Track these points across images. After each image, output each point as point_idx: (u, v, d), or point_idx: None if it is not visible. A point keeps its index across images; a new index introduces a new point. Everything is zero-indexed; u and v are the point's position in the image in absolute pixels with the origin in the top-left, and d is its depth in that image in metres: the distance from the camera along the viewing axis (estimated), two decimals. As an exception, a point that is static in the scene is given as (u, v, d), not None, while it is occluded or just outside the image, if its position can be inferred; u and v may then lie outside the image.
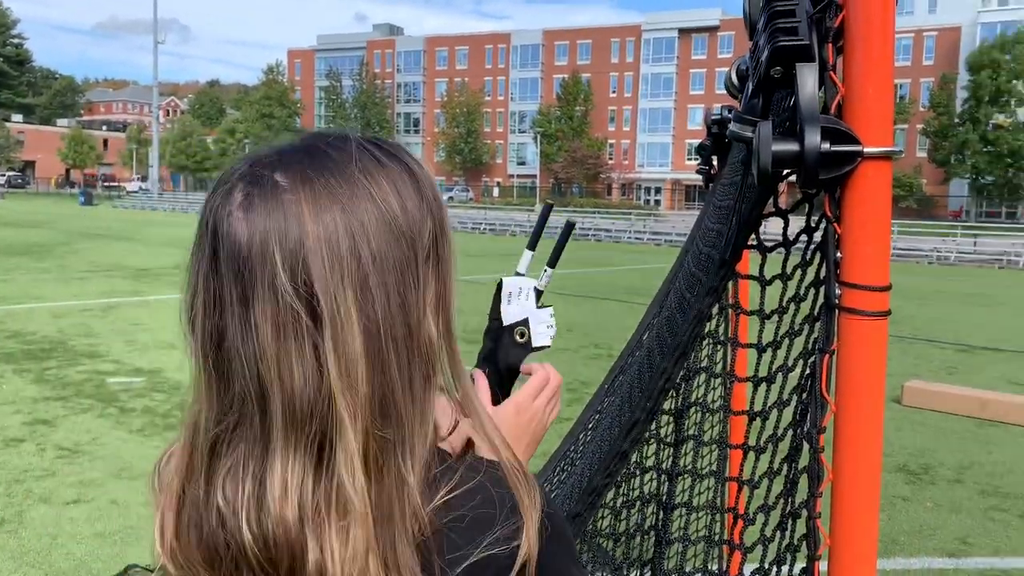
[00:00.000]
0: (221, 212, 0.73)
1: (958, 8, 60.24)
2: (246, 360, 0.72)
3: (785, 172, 1.06)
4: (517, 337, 1.16)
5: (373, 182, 0.75)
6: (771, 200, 1.18)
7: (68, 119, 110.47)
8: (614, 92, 78.50)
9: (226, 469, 0.74)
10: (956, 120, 51.47)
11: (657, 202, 73.95)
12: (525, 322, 1.17)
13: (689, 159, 74.28)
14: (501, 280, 1.18)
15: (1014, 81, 49.85)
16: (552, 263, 1.23)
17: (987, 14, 58.25)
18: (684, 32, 75.01)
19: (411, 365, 0.75)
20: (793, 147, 1.01)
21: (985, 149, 50.84)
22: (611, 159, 76.10)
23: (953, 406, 7.65)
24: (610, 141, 77.29)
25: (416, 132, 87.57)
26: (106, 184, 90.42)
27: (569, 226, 1.21)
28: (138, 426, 6.59)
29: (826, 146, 1.00)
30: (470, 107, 78.79)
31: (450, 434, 0.91)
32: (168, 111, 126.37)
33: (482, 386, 1.12)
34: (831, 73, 1.05)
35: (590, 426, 2.23)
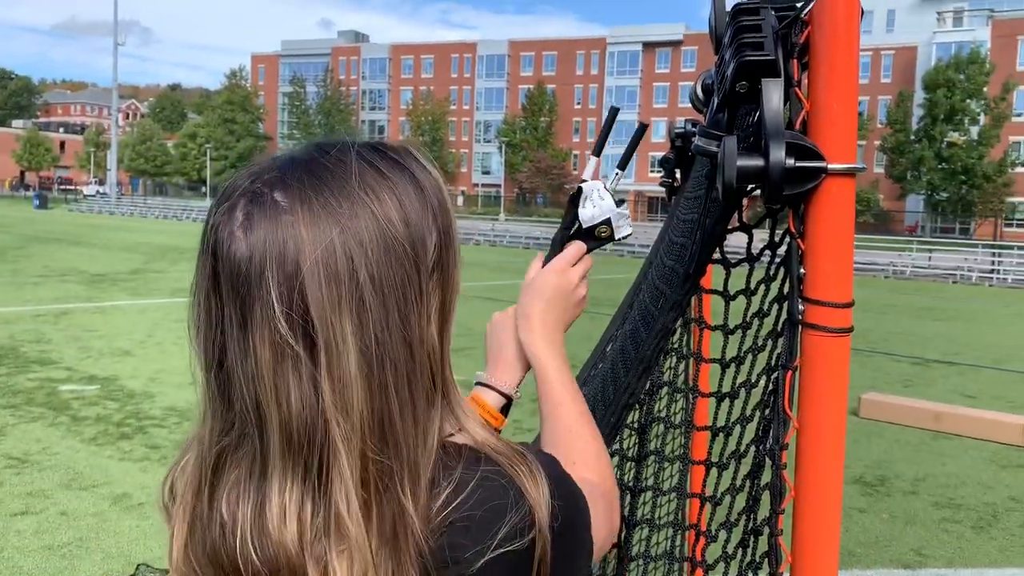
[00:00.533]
0: (222, 231, 0.73)
1: (915, 28, 61.67)
2: (244, 382, 0.72)
3: (749, 187, 1.06)
4: (599, 234, 1.18)
5: (374, 197, 0.74)
6: (735, 215, 1.18)
7: (24, 120, 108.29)
8: (579, 104, 78.99)
9: (228, 486, 0.75)
10: (912, 137, 52.59)
11: (620, 213, 74.39)
12: (606, 220, 1.18)
13: (652, 171, 74.88)
14: (580, 187, 1.20)
15: (968, 100, 51.10)
16: (623, 165, 1.26)
17: (942, 34, 59.66)
18: (648, 46, 75.77)
19: (412, 384, 0.74)
20: (758, 162, 1.01)
21: (940, 166, 52.01)
22: (575, 170, 76.43)
23: (909, 419, 7.77)
24: (574, 152, 77.68)
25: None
26: (62, 187, 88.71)
27: (642, 127, 1.21)
28: (90, 435, 6.44)
29: (791, 162, 0.99)
30: (435, 116, 78.71)
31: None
32: (128, 114, 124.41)
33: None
34: (796, 89, 1.05)
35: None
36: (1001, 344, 13.64)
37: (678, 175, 2.33)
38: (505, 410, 1.15)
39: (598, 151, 1.25)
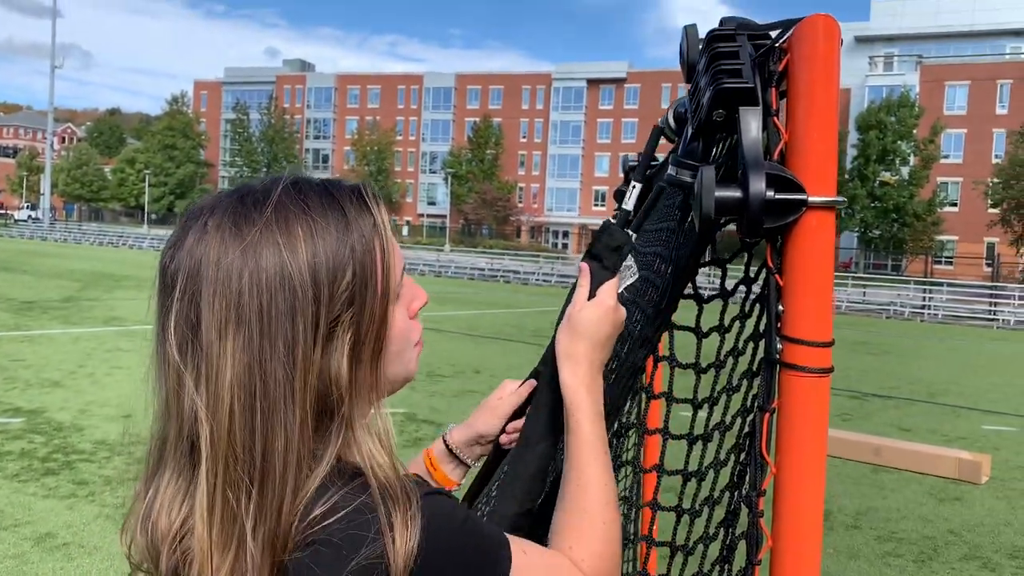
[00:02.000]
0: (164, 250, 0.82)
1: (849, 71, 63.79)
2: (162, 383, 0.80)
3: (724, 220, 1.01)
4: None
5: (284, 229, 0.78)
6: (709, 248, 1.13)
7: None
8: (524, 137, 79.66)
9: (149, 478, 0.84)
10: (846, 176, 54.16)
11: (565, 245, 74.99)
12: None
13: (596, 205, 75.87)
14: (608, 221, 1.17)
15: (899, 141, 52.91)
16: (640, 178, 1.22)
17: (874, 78, 61.89)
18: (592, 83, 76.97)
19: (287, 408, 0.77)
20: (736, 194, 0.96)
21: (872, 204, 53.62)
22: (520, 202, 76.93)
23: (849, 452, 7.87)
24: (520, 185, 78.16)
25: (325, 168, 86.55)
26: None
27: (658, 130, 1.14)
28: (13, 471, 6.12)
29: (770, 194, 0.95)
30: (381, 146, 78.50)
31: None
32: (64, 138, 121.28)
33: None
34: (775, 118, 1.01)
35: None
36: (934, 379, 13.99)
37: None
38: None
39: (641, 176, 1.18)
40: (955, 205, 58.20)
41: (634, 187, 1.14)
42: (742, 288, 1.08)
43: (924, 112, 53.28)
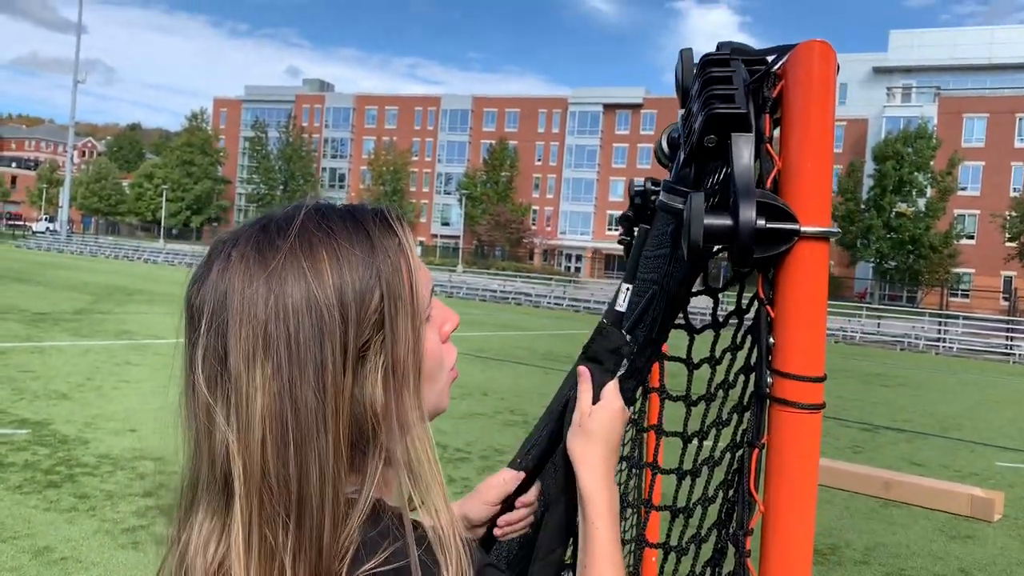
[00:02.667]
0: (190, 282, 0.80)
1: (866, 102, 63.82)
2: (192, 417, 0.78)
3: (715, 248, 0.99)
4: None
5: (308, 254, 0.77)
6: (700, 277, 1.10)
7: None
8: (539, 160, 79.90)
9: (183, 517, 0.81)
10: (862, 206, 53.96)
11: (578, 269, 74.97)
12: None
13: (610, 229, 75.86)
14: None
15: (915, 172, 52.70)
16: (628, 279, 1.17)
17: (891, 109, 61.78)
18: (609, 107, 77.21)
19: (323, 435, 0.75)
20: (726, 222, 0.93)
21: (888, 235, 53.35)
22: (534, 225, 77.03)
23: (859, 486, 7.75)
24: (534, 207, 78.30)
25: (341, 188, 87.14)
26: (11, 223, 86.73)
27: (645, 232, 1.11)
28: (16, 482, 6.11)
29: (761, 222, 0.92)
30: (397, 166, 78.91)
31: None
32: (84, 152, 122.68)
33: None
34: (768, 145, 0.98)
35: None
36: (947, 412, 13.83)
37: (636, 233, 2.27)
38: None
39: (630, 278, 1.16)
40: (972, 238, 57.79)
41: (628, 289, 1.12)
42: (733, 319, 1.05)
43: (941, 144, 53.09)
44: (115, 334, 14.79)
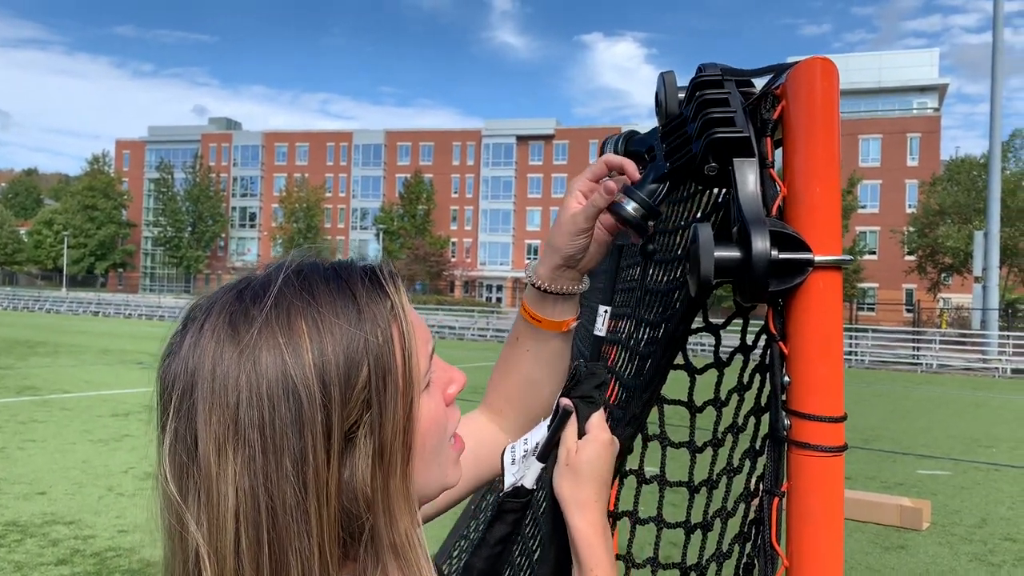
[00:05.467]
0: (163, 354, 0.72)
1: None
2: (166, 507, 0.68)
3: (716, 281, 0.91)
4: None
5: (286, 326, 0.68)
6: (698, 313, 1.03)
7: None
8: (456, 192, 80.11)
9: None
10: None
11: (499, 299, 75.11)
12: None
13: (529, 258, 76.35)
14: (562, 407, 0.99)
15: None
16: (542, 457, 1.02)
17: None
18: (521, 139, 78.13)
19: (304, 536, 0.66)
20: (734, 254, 0.86)
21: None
22: (454, 257, 77.02)
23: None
24: (452, 240, 78.37)
25: (252, 226, 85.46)
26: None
27: (566, 413, 0.98)
28: (-88, 560, 5.62)
29: (774, 253, 0.86)
30: (310, 202, 77.92)
31: None
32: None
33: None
34: (771, 170, 0.92)
35: (454, 554, 1.97)
36: (867, 424, 14.23)
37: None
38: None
39: (607, 300, 1.06)
40: (874, 253, 60.41)
41: (606, 311, 1.03)
42: (739, 357, 0.98)
43: (841, 164, 55.51)
44: (17, 390, 13.97)
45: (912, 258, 52.27)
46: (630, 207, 0.97)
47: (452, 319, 43.70)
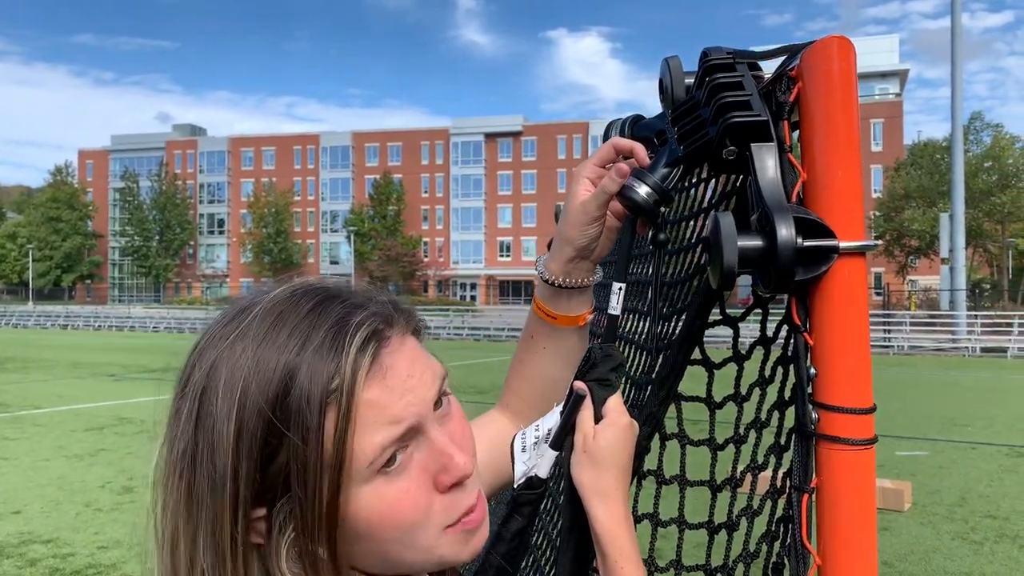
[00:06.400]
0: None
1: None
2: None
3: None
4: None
5: (215, 382, 0.65)
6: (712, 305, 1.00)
7: None
8: (426, 192, 79.84)
9: None
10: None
11: (473, 298, 75.03)
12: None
13: (502, 256, 76.39)
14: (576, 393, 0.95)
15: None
16: (555, 445, 0.96)
17: (757, 122, 64.94)
18: (490, 136, 78.03)
19: None
20: (757, 243, 0.83)
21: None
22: (426, 257, 76.78)
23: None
24: (424, 239, 78.12)
25: (221, 233, 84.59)
26: None
27: (579, 397, 0.93)
28: None
29: (799, 241, 0.82)
30: (279, 207, 77.25)
31: None
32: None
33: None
34: (790, 154, 0.89)
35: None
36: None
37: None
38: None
39: (620, 276, 1.01)
40: (876, 242, 61.17)
41: (620, 289, 0.98)
42: (758, 350, 0.94)
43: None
44: (-14, 407, 13.70)
45: (879, 242, 52.93)
46: (643, 191, 0.92)
47: (427, 319, 43.40)
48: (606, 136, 1.16)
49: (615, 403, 0.90)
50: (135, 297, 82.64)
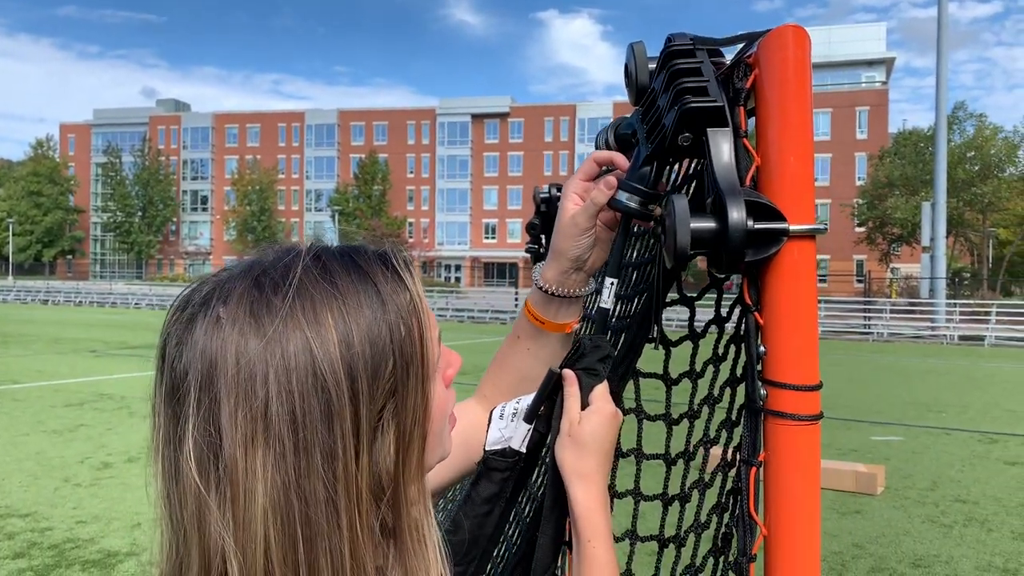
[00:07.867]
0: (170, 342, 0.68)
1: (720, 102, 66.82)
2: (175, 505, 0.66)
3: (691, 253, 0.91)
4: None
5: (311, 316, 0.66)
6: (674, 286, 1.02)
7: None
8: (411, 172, 79.53)
9: None
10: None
11: (458, 279, 74.98)
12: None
13: (487, 237, 76.33)
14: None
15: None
16: (528, 418, 1.01)
17: (744, 108, 64.97)
18: (477, 117, 77.72)
19: (335, 532, 0.64)
20: (710, 224, 0.86)
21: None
22: (411, 237, 76.57)
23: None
24: (409, 220, 77.91)
25: (204, 210, 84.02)
26: None
27: (552, 375, 0.98)
28: None
29: (750, 223, 0.85)
30: (263, 184, 76.73)
31: None
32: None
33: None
34: (745, 140, 0.92)
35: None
36: (823, 393, 14.53)
37: (544, 240, 2.19)
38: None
39: (613, 271, 1.04)
40: (825, 225, 61.41)
41: (612, 283, 1.02)
42: (713, 328, 0.97)
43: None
44: (-35, 382, 13.62)
45: (862, 229, 53.28)
46: (625, 198, 0.97)
47: (411, 300, 43.46)
48: (597, 147, 1.19)
49: (601, 392, 0.95)
50: (117, 273, 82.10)
